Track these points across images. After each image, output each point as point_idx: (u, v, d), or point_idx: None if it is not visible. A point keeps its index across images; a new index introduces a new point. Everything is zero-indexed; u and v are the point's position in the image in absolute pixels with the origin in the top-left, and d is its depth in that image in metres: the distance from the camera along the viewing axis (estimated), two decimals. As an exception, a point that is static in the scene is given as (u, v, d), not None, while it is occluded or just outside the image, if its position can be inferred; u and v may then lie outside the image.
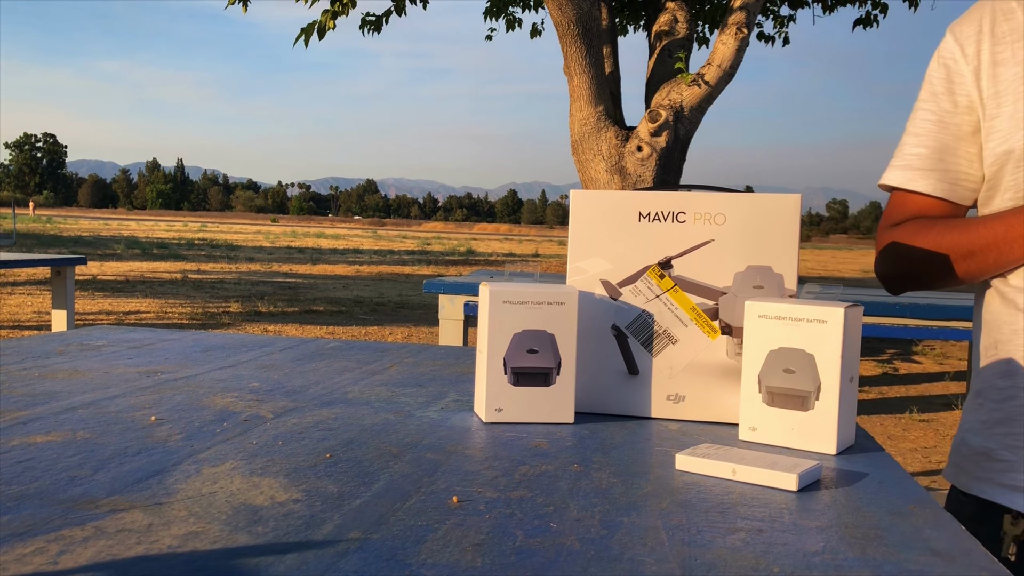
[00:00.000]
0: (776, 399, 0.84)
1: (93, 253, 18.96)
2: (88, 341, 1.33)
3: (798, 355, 0.83)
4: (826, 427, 0.82)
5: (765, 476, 0.71)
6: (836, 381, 0.82)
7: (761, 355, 0.85)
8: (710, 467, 0.73)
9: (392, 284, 14.06)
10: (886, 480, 0.74)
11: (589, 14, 4.64)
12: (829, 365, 0.82)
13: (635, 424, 0.92)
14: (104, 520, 0.56)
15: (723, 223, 0.93)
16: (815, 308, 0.83)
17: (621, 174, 4.78)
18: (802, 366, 0.83)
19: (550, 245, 41.72)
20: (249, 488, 0.65)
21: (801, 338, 0.83)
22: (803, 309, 0.83)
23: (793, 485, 0.70)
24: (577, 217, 0.96)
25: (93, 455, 0.72)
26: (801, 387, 0.83)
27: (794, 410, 0.84)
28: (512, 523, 0.59)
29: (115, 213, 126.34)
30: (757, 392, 0.85)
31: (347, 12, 5.54)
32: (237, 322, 8.48)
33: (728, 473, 0.73)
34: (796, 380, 0.83)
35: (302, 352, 1.31)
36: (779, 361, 0.84)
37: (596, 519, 0.61)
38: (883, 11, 7.76)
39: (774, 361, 0.84)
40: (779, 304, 0.84)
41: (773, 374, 0.84)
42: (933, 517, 0.64)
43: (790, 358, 0.84)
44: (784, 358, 0.84)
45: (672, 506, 0.65)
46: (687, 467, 0.75)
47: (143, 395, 0.96)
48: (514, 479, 0.70)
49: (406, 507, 0.62)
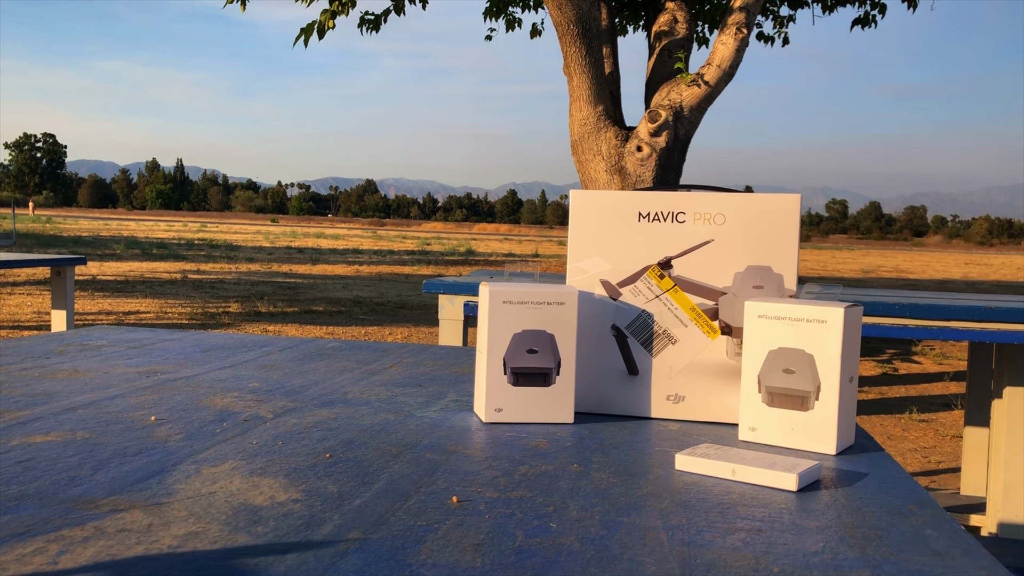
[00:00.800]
0: (776, 399, 0.84)
1: (93, 253, 18.96)
2: (88, 341, 1.33)
3: (798, 355, 0.83)
4: (826, 427, 0.82)
5: (765, 476, 0.71)
6: (836, 381, 0.82)
7: (761, 355, 0.85)
8: (710, 467, 0.73)
9: (392, 284, 14.06)
10: (886, 480, 0.74)
11: (589, 14, 4.64)
12: (829, 365, 0.82)
13: (635, 424, 0.92)
14: (104, 520, 0.56)
15: (723, 223, 0.93)
16: (815, 308, 0.83)
17: (621, 174, 4.78)
18: (802, 366, 0.83)
19: (550, 245, 41.73)
20: (249, 488, 0.65)
21: (801, 338, 0.83)
22: (803, 309, 0.83)
23: (793, 485, 0.70)
24: (577, 217, 0.97)
25: (93, 455, 0.72)
26: (801, 387, 0.83)
27: (794, 410, 0.84)
28: (512, 523, 0.59)
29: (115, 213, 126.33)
30: (757, 392, 0.85)
31: (347, 12, 5.54)
32: (237, 322, 8.48)
33: (728, 473, 0.73)
34: (796, 380, 0.83)
35: (302, 352, 1.31)
36: (779, 361, 0.84)
37: (596, 519, 0.61)
38: (882, 11, 7.76)
39: (774, 361, 0.84)
40: (779, 304, 0.84)
41: (773, 374, 0.84)
42: (933, 517, 0.64)
43: (790, 358, 0.84)
44: (784, 358, 0.84)
45: (672, 506, 0.65)
46: (687, 467, 0.75)
47: (143, 395, 0.96)
48: (514, 479, 0.70)
49: (406, 507, 0.62)
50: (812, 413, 0.83)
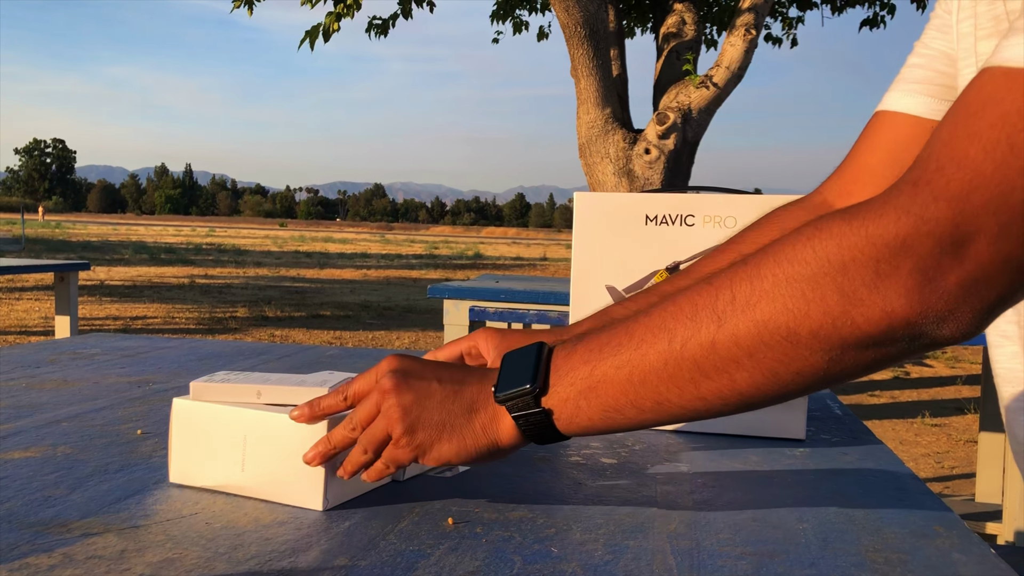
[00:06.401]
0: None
1: (101, 258, 19.01)
2: (81, 349, 1.30)
3: None
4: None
5: (294, 394, 0.64)
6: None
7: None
8: (231, 392, 0.65)
9: (399, 288, 14.04)
10: (907, 498, 0.70)
11: (596, 16, 4.60)
12: None
13: (642, 436, 0.88)
14: (74, 546, 0.53)
15: (734, 226, 0.89)
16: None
17: (629, 177, 4.74)
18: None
19: (558, 248, 41.70)
20: (232, 509, 0.61)
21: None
22: None
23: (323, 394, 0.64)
24: (582, 220, 0.93)
25: (72, 472, 0.68)
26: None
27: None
28: (510, 547, 0.56)
29: (124, 218, 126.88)
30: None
31: (352, 15, 5.52)
32: (244, 327, 8.46)
33: (253, 396, 0.65)
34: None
35: (301, 360, 1.27)
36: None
37: (600, 542, 0.57)
38: (891, 12, 7.70)
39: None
40: None
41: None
42: (961, 540, 0.60)
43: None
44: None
45: (680, 527, 0.61)
46: (203, 396, 0.66)
47: (132, 407, 0.93)
48: (514, 497, 0.66)
49: (397, 530, 0.58)
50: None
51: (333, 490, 0.62)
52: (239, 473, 0.64)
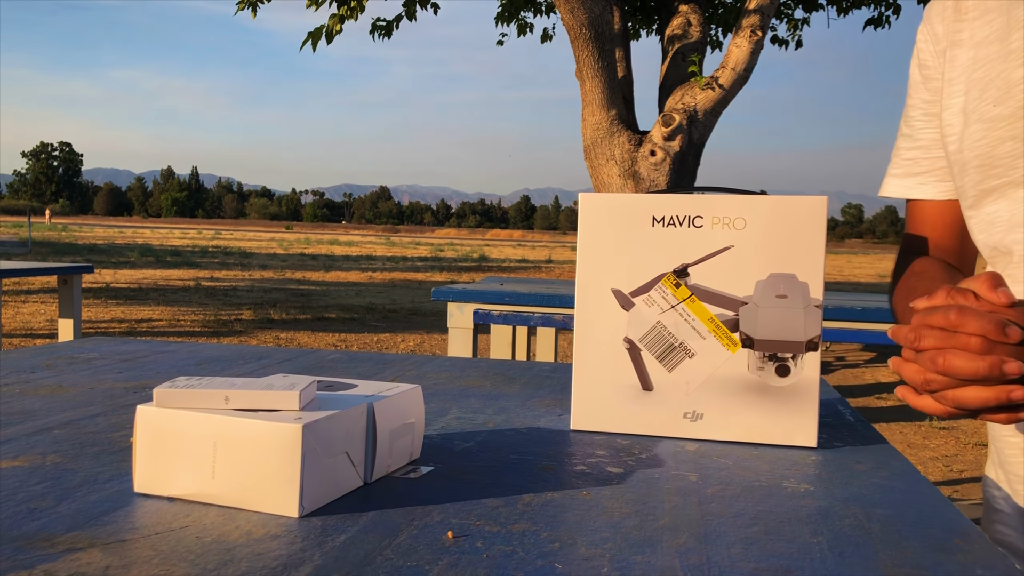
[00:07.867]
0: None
1: (107, 261, 19.03)
2: (79, 354, 1.28)
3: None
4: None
5: (263, 398, 0.63)
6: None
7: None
8: (198, 398, 0.63)
9: (405, 291, 14.02)
10: (924, 508, 0.68)
11: (601, 18, 4.58)
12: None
13: (649, 444, 0.86)
14: (56, 562, 0.51)
15: (743, 228, 0.87)
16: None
17: (634, 179, 4.71)
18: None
19: (563, 251, 41.65)
20: (224, 522, 0.59)
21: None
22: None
23: (295, 404, 0.62)
24: (586, 222, 0.90)
25: (60, 483, 0.66)
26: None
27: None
28: (512, 563, 0.53)
29: (130, 221, 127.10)
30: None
31: (355, 16, 5.50)
32: (249, 330, 8.45)
33: (221, 401, 0.63)
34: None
35: (301, 365, 1.25)
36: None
37: (606, 557, 0.55)
38: (896, 12, 7.67)
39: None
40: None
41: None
42: (983, 553, 0.58)
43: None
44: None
45: (690, 541, 0.58)
46: (168, 402, 0.63)
47: (126, 413, 0.90)
48: (517, 509, 0.64)
49: (395, 544, 0.56)
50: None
51: (309, 496, 0.60)
52: (210, 480, 0.61)
